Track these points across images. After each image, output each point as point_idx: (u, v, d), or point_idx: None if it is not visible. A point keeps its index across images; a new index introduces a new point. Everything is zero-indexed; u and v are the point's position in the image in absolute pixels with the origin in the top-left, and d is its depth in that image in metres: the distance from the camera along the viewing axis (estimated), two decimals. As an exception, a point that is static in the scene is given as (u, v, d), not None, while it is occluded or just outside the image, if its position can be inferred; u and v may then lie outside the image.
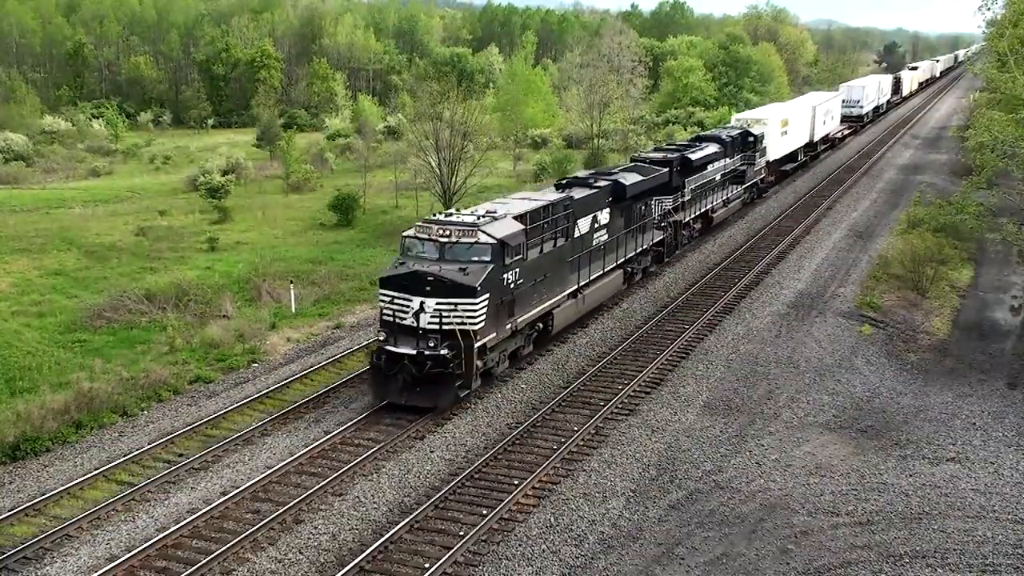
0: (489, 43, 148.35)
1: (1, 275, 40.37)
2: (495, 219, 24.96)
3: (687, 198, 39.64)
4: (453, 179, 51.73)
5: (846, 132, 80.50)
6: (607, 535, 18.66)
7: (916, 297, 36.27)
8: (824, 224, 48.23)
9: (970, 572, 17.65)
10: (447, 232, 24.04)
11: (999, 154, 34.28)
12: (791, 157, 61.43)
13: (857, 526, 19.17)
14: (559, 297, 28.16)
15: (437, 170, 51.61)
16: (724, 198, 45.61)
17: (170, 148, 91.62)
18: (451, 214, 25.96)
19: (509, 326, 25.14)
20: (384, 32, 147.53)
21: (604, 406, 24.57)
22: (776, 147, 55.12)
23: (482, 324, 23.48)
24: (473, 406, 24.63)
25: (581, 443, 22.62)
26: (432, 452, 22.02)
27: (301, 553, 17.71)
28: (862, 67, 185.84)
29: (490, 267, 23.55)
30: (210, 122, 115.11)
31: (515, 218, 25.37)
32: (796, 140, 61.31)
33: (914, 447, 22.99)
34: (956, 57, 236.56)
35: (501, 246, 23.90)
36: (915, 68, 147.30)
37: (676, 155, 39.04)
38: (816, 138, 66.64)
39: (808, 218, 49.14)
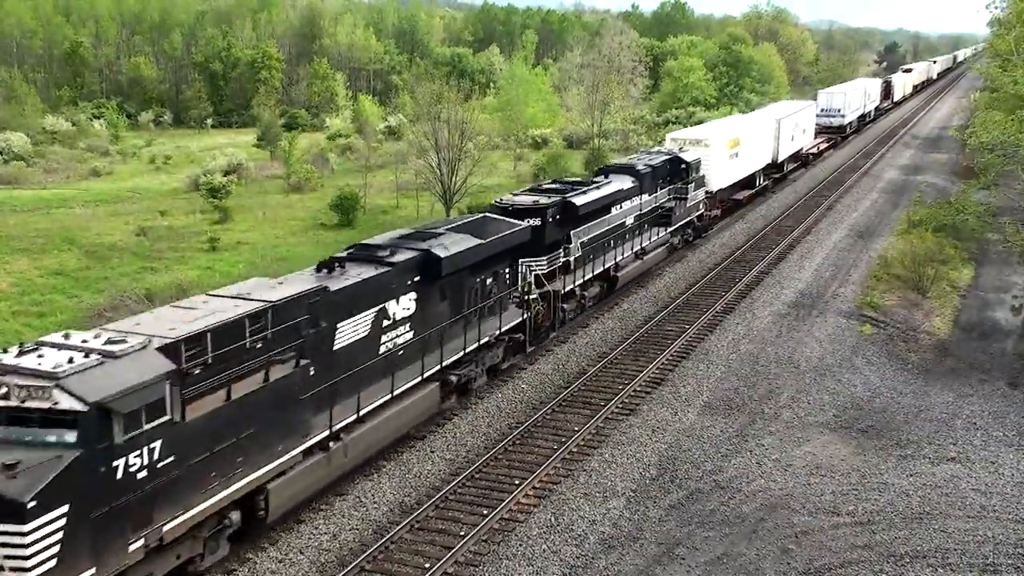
0: (490, 43, 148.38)
1: (2, 275, 40.40)
2: (108, 359, 14.06)
3: (575, 255, 30.01)
4: (453, 179, 51.77)
5: (823, 146, 71.68)
6: (607, 535, 18.65)
7: (917, 297, 36.27)
8: (824, 224, 48.22)
9: (971, 572, 17.64)
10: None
11: (999, 154, 34.28)
12: (747, 183, 51.25)
13: (858, 526, 19.16)
14: (280, 461, 17.40)
15: (437, 170, 51.65)
16: (638, 248, 35.09)
17: (170, 148, 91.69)
18: (42, 345, 14.60)
19: (138, 545, 14.30)
20: (384, 32, 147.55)
21: (605, 406, 24.56)
22: (723, 173, 44.99)
23: (49, 568, 12.89)
24: (474, 406, 24.63)
25: (582, 443, 22.61)
26: (433, 452, 22.02)
27: (302, 553, 17.71)
28: (863, 67, 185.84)
29: (74, 456, 13.20)
30: (209, 122, 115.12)
31: (165, 349, 14.76)
32: (753, 162, 51.19)
33: (915, 447, 22.99)
34: (955, 58, 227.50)
35: (100, 418, 13.42)
36: (909, 70, 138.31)
37: (554, 200, 29.06)
38: (782, 157, 57.47)
39: (809, 218, 49.15)
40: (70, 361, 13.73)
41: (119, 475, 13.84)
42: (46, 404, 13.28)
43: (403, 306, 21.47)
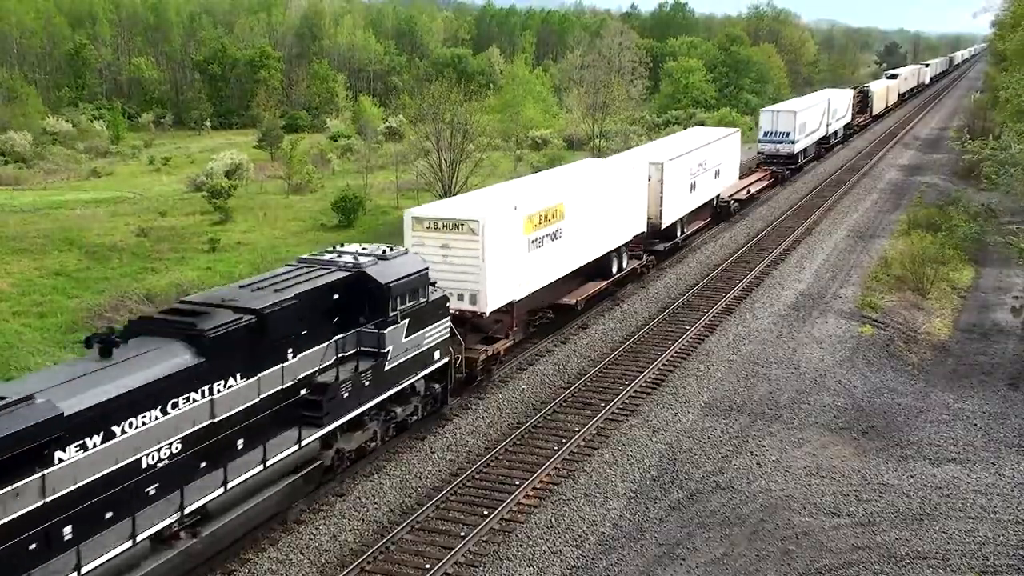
0: (489, 44, 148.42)
1: (2, 275, 40.40)
2: None
3: None
4: (454, 179, 51.80)
5: (758, 186, 54.09)
6: (608, 535, 18.65)
7: (917, 298, 36.25)
8: (824, 225, 48.22)
9: (971, 573, 17.63)
10: None
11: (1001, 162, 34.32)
12: (592, 273, 32.50)
13: (858, 527, 19.15)
14: None
15: (438, 170, 51.68)
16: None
17: (171, 149, 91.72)
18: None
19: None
20: (384, 33, 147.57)
21: (605, 407, 24.56)
22: (513, 277, 26.39)
23: None
24: (474, 407, 24.63)
25: (582, 444, 22.60)
26: (433, 453, 22.01)
27: (302, 554, 17.71)
28: (863, 67, 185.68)
29: None
30: (208, 123, 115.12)
31: None
32: (596, 241, 31.81)
33: (915, 448, 22.98)
34: (951, 60, 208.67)
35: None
36: (894, 76, 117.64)
37: None
38: (669, 219, 38.45)
39: (809, 219, 49.15)
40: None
41: None
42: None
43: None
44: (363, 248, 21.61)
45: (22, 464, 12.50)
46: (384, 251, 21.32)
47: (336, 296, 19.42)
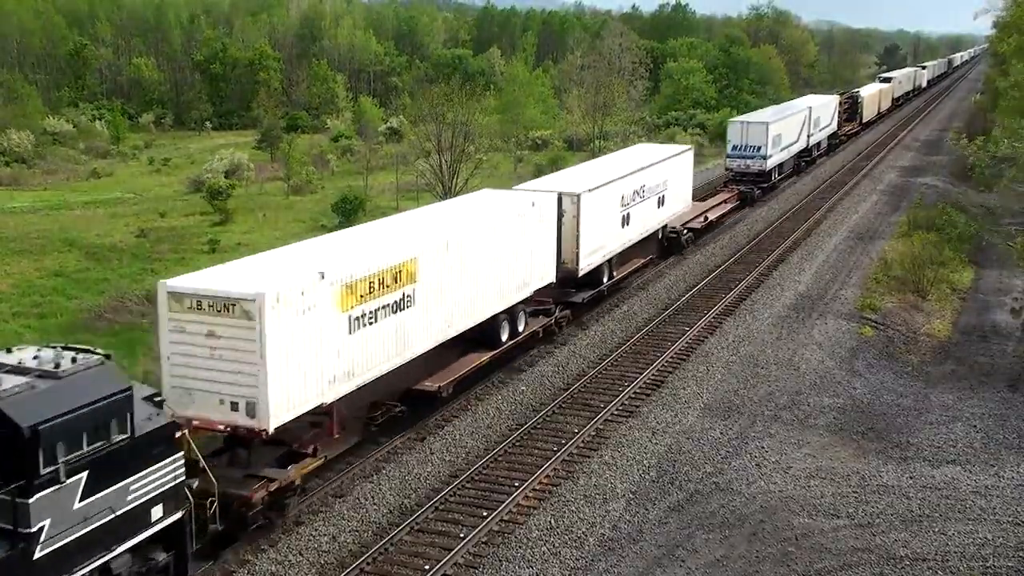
0: (490, 44, 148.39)
1: (2, 276, 40.40)
2: None
3: None
4: (454, 180, 51.82)
5: (725, 209, 48.02)
6: (607, 537, 18.65)
7: (917, 299, 36.25)
8: (825, 226, 48.21)
9: (971, 575, 17.63)
10: None
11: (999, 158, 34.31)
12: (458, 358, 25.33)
13: (858, 528, 19.15)
14: None
15: (438, 171, 51.71)
16: None
17: (171, 150, 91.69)
18: None
19: None
20: (384, 34, 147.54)
21: (604, 408, 24.55)
22: (315, 378, 18.89)
23: None
24: (473, 407, 24.62)
25: (581, 445, 22.60)
26: (432, 454, 22.01)
27: (301, 555, 17.71)
28: (863, 69, 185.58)
29: None
30: (209, 124, 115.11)
31: None
32: (475, 304, 24.87)
33: (915, 449, 22.97)
34: (950, 62, 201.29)
35: None
36: (887, 79, 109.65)
37: None
38: (596, 260, 31.93)
39: (809, 220, 49.14)
40: None
41: None
42: None
43: None
44: (38, 354, 14.44)
45: None
46: (58, 364, 14.03)
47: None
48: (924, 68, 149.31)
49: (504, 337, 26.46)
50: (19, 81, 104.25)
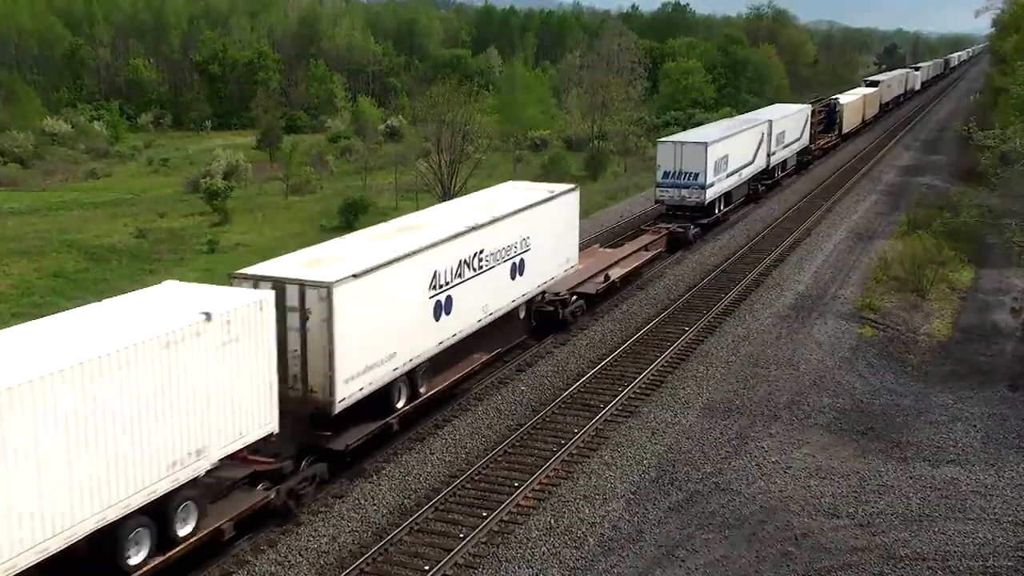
0: (488, 44, 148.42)
1: (1, 277, 40.39)
2: None
3: None
4: (453, 180, 51.81)
5: (640, 260, 36.67)
6: (607, 537, 18.63)
7: (916, 299, 36.24)
8: (824, 226, 48.20)
9: (971, 574, 17.62)
10: None
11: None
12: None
13: (857, 528, 19.14)
14: None
15: (438, 171, 51.71)
16: None
17: (170, 150, 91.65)
18: None
19: None
20: (383, 34, 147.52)
21: (604, 408, 24.53)
22: None
23: None
24: (473, 407, 24.61)
25: (581, 445, 22.58)
26: (432, 454, 22.00)
27: (301, 555, 17.70)
28: (862, 68, 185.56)
29: None
30: (208, 124, 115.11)
31: None
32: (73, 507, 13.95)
33: (914, 449, 22.97)
34: (947, 63, 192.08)
35: None
36: (874, 83, 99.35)
37: None
38: (369, 384, 20.45)
39: (809, 219, 49.13)
40: None
41: None
42: None
43: None
44: None
45: None
46: None
47: None
48: (917, 70, 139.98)
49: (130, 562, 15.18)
50: (18, 82, 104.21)
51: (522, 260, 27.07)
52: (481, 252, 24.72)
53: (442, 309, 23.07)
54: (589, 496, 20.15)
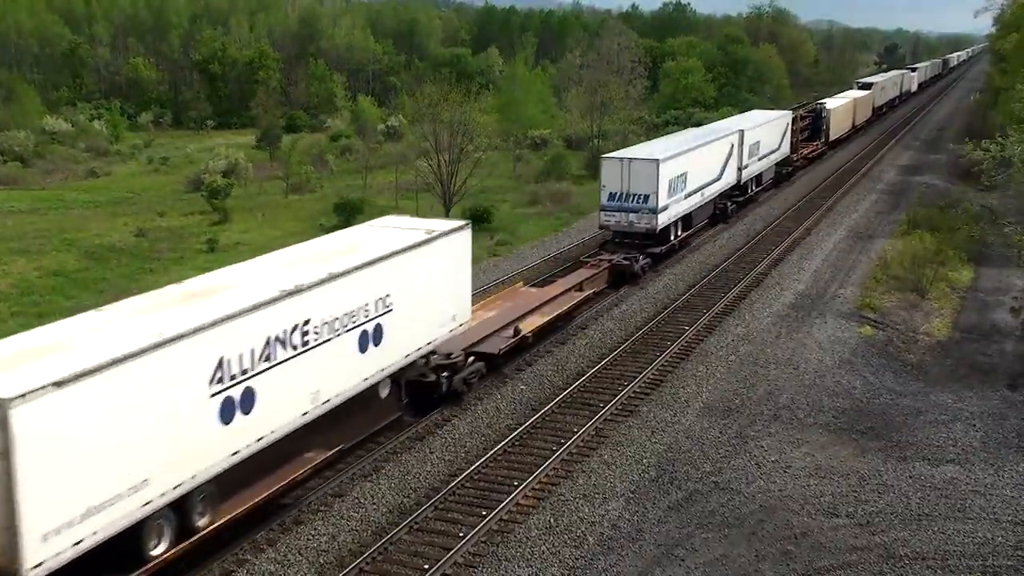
0: (488, 44, 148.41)
1: (1, 276, 40.38)
2: None
3: None
4: (453, 180, 51.78)
5: (571, 302, 30.91)
6: (607, 536, 18.64)
7: (916, 298, 36.25)
8: (824, 225, 48.22)
9: (970, 574, 17.63)
10: None
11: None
12: None
13: (857, 527, 19.14)
14: None
15: (437, 171, 51.66)
16: None
17: (170, 149, 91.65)
18: None
19: None
20: (383, 33, 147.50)
21: (604, 407, 24.54)
22: None
23: None
24: (473, 407, 24.61)
25: (581, 444, 22.59)
26: (431, 453, 22.00)
27: (300, 554, 17.70)
28: (862, 68, 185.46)
29: None
30: (209, 123, 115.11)
31: None
32: None
33: (914, 448, 22.97)
34: (945, 63, 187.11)
35: None
36: (867, 86, 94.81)
37: None
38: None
39: (808, 219, 49.13)
40: None
41: None
42: None
43: None
44: None
45: None
46: None
47: None
48: (914, 70, 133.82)
49: None
50: (17, 81, 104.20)
51: (378, 326, 20.60)
52: (306, 323, 18.32)
53: (235, 408, 16.67)
54: (589, 495, 20.16)
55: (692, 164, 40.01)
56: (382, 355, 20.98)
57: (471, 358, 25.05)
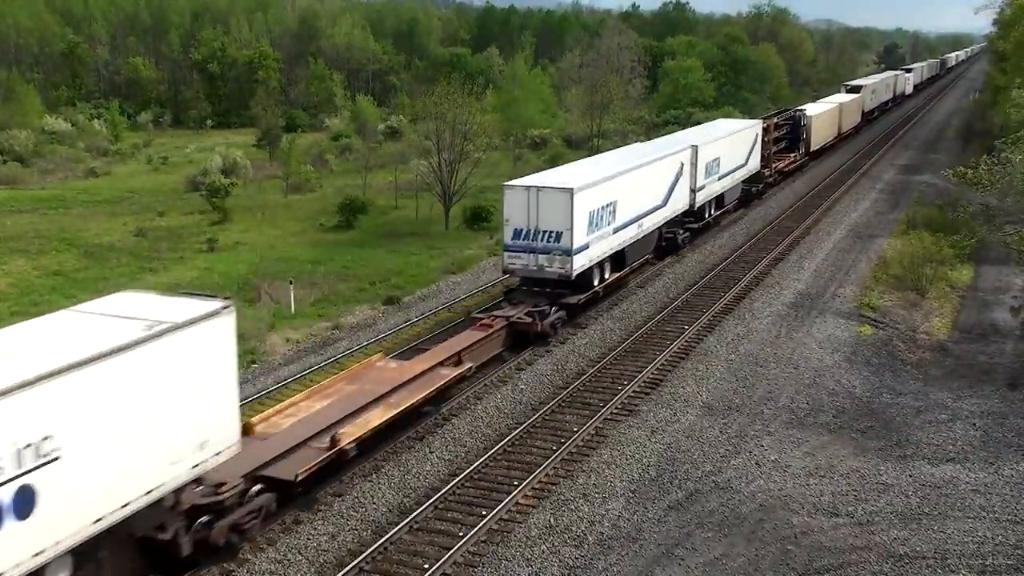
0: (488, 43, 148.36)
1: (0, 275, 40.36)
2: None
3: None
4: (453, 180, 51.77)
5: (452, 372, 24.05)
6: (607, 536, 18.64)
7: (916, 298, 36.26)
8: (824, 224, 48.22)
9: (970, 573, 17.63)
10: None
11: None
12: None
13: (857, 526, 19.15)
14: None
15: (437, 171, 51.66)
16: None
17: (169, 149, 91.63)
18: None
19: None
20: (382, 32, 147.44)
21: (604, 407, 24.55)
22: None
23: None
24: (472, 406, 24.62)
25: (581, 444, 22.60)
26: (431, 452, 22.01)
27: (300, 554, 17.71)
28: (862, 67, 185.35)
29: None
30: (209, 123, 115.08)
31: None
32: None
33: (914, 448, 22.98)
34: (943, 63, 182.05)
35: None
36: (855, 89, 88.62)
37: None
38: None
39: (808, 218, 49.12)
40: None
41: None
42: None
43: None
44: None
45: None
46: None
47: None
48: (909, 71, 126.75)
49: None
50: (17, 80, 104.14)
51: (23, 489, 12.83)
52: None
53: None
54: (588, 494, 20.17)
55: (624, 190, 33.29)
56: (36, 530, 13.06)
57: (257, 487, 17.72)
